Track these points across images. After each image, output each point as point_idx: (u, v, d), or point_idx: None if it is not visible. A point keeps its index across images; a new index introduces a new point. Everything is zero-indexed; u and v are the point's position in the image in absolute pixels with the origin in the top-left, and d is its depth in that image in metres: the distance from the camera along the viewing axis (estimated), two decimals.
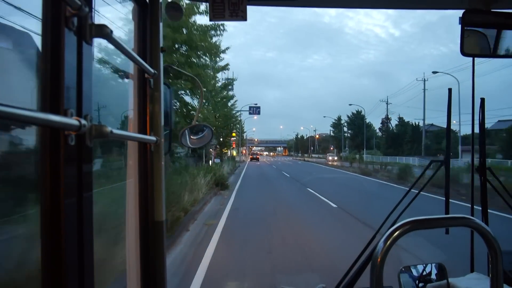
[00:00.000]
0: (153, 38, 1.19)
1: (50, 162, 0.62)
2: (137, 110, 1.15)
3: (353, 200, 12.54)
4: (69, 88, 0.64)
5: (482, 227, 0.87)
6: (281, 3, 1.71)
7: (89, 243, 0.70)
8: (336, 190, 16.63)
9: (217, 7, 1.40)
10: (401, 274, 1.39)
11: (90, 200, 0.70)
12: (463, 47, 1.49)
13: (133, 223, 1.16)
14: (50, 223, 0.61)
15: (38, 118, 0.53)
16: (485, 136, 1.73)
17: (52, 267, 0.62)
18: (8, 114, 0.46)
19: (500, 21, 1.48)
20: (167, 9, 1.31)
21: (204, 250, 6.08)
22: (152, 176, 1.17)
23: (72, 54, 0.65)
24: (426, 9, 1.91)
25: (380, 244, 0.81)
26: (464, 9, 1.45)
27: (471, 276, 1.52)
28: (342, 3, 1.85)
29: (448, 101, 1.75)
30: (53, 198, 0.61)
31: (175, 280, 4.66)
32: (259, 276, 4.90)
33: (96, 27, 0.69)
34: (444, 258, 4.63)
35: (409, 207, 1.65)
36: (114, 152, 1.19)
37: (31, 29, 0.71)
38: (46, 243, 0.62)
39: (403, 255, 4.93)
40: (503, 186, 1.73)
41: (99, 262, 0.79)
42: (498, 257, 0.86)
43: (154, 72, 1.13)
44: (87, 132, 0.67)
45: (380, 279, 0.80)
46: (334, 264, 4.96)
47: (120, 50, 0.83)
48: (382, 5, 1.79)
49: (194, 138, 1.75)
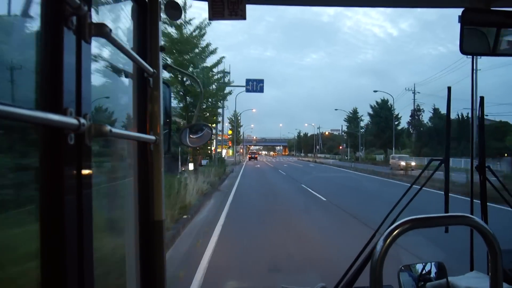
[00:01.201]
0: (152, 37, 1.18)
1: (49, 161, 0.62)
2: (136, 109, 1.15)
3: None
4: (69, 87, 0.64)
5: (481, 225, 0.87)
6: (281, 2, 1.70)
7: (88, 242, 0.70)
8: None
9: (216, 6, 1.40)
10: (400, 273, 1.39)
11: (89, 199, 0.70)
12: (462, 45, 1.49)
13: (132, 222, 1.16)
14: (49, 222, 0.61)
15: (38, 117, 0.53)
16: (484, 135, 1.73)
17: (52, 265, 0.62)
18: (8, 113, 0.46)
19: (500, 19, 1.48)
20: (166, 8, 1.30)
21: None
22: (151, 175, 1.17)
23: (71, 53, 0.65)
24: (426, 8, 1.91)
25: (380, 243, 0.81)
26: (463, 7, 1.45)
27: (471, 275, 1.52)
28: (341, 2, 1.85)
29: (448, 100, 1.75)
30: (52, 197, 0.61)
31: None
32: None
33: (95, 26, 0.69)
34: (443, 257, 4.63)
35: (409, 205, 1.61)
36: (113, 151, 1.19)
37: (30, 28, 0.71)
38: (46, 242, 0.62)
39: (402, 254, 4.93)
40: (503, 185, 1.73)
41: (99, 261, 0.79)
42: (497, 255, 0.86)
43: (154, 71, 1.13)
44: (87, 131, 0.67)
45: (380, 278, 0.80)
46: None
47: (119, 49, 0.83)
48: (382, 3, 1.79)
49: (193, 137, 1.76)
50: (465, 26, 1.47)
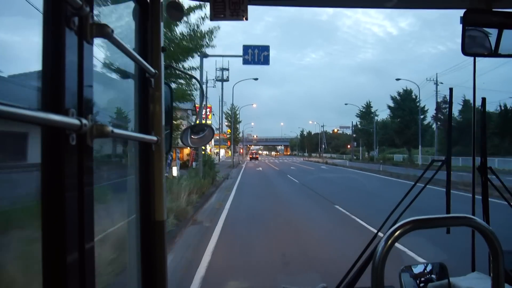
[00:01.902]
0: (154, 37, 1.19)
1: (51, 161, 0.62)
2: (138, 110, 1.15)
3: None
4: (70, 88, 0.64)
5: (483, 226, 0.87)
6: (282, 2, 1.70)
7: (90, 242, 0.70)
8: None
9: (218, 6, 1.40)
10: (402, 273, 1.39)
11: (91, 199, 0.70)
12: (464, 46, 1.49)
13: (134, 222, 1.16)
14: (50, 221, 0.62)
15: (39, 117, 0.53)
16: (486, 136, 1.73)
17: (53, 265, 0.62)
18: (10, 113, 0.46)
19: (501, 20, 1.48)
20: (168, 9, 1.31)
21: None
22: (153, 175, 1.17)
23: (73, 54, 0.65)
24: (427, 9, 1.91)
25: (381, 244, 0.81)
26: (465, 8, 1.45)
27: (472, 276, 1.52)
28: (342, 3, 1.85)
29: (450, 101, 1.75)
30: (54, 197, 0.62)
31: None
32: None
33: (97, 27, 0.69)
34: (445, 258, 4.63)
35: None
36: (115, 151, 1.19)
37: (32, 28, 0.71)
38: (47, 242, 0.62)
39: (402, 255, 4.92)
40: (504, 185, 1.73)
41: (100, 261, 0.79)
42: (499, 256, 0.86)
43: (155, 71, 1.13)
44: (88, 131, 0.67)
45: (381, 279, 0.80)
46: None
47: (121, 50, 0.83)
48: (382, 4, 1.79)
49: (195, 137, 1.76)
50: (466, 27, 1.47)
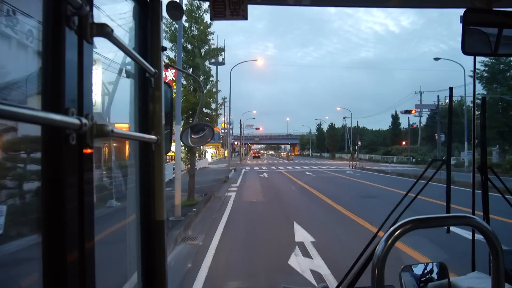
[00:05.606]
0: (154, 37, 1.19)
1: (51, 161, 0.62)
2: (138, 109, 1.15)
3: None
4: (70, 87, 0.64)
5: (483, 226, 0.86)
6: (282, 2, 1.70)
7: (90, 241, 0.70)
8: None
9: (218, 6, 1.40)
10: (402, 273, 1.39)
11: (91, 198, 0.70)
12: (464, 46, 1.49)
13: (134, 222, 1.16)
14: (51, 221, 0.62)
15: (39, 117, 0.53)
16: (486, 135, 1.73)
17: (53, 265, 0.62)
18: (10, 113, 0.46)
19: (502, 20, 1.48)
20: (168, 8, 1.31)
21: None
22: (153, 175, 1.17)
23: (73, 53, 0.65)
24: (428, 8, 1.91)
25: (381, 243, 0.81)
26: (465, 7, 1.44)
27: (472, 275, 1.52)
28: (344, 2, 1.85)
29: (450, 100, 1.75)
30: (54, 196, 0.62)
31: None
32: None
33: (96, 26, 0.69)
34: (445, 257, 4.62)
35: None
36: (114, 151, 1.19)
37: (32, 28, 0.71)
38: (47, 241, 0.62)
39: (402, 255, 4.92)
40: (504, 185, 1.73)
41: (100, 260, 0.79)
42: (499, 256, 0.86)
43: (155, 71, 1.13)
44: (88, 131, 0.67)
45: (381, 278, 0.80)
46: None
47: (121, 49, 0.83)
48: (384, 4, 1.78)
49: (195, 137, 1.76)
50: (467, 27, 1.47)
